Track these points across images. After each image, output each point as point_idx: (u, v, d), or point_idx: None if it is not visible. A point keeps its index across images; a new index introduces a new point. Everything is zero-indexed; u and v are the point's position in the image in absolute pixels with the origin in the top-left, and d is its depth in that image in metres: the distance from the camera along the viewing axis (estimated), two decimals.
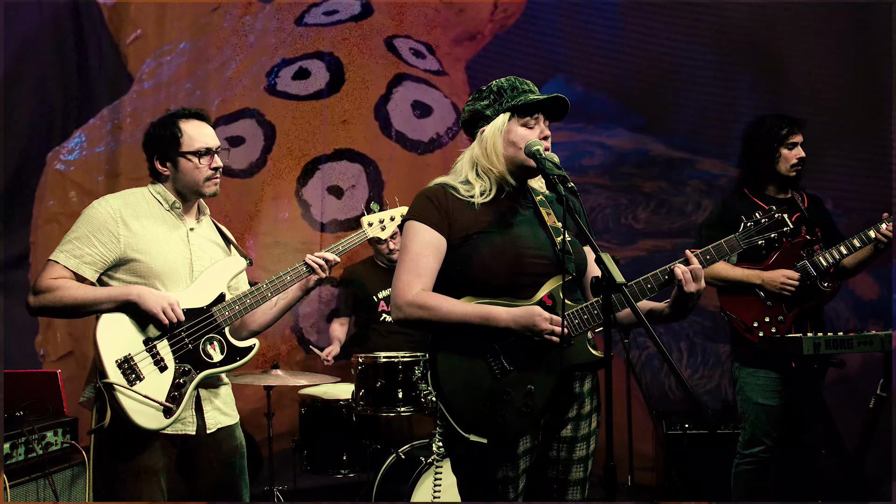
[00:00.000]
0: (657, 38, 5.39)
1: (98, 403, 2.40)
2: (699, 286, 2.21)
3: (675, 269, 2.22)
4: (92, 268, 2.45)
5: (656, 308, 2.34)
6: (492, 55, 5.57)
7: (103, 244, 2.45)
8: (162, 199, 2.58)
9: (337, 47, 5.47)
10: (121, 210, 2.49)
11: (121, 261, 2.47)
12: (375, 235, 2.88)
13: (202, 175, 2.55)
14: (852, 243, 3.43)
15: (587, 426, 2.33)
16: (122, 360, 2.36)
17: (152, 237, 2.50)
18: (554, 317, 2.15)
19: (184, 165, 2.55)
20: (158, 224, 2.54)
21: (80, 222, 2.48)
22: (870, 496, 3.61)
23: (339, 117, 5.39)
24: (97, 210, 2.49)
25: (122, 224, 2.47)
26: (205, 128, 2.59)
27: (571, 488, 2.31)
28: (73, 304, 2.40)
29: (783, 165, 3.56)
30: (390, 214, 2.91)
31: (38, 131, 5.19)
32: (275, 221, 5.30)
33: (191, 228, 2.60)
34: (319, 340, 5.14)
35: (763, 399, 3.54)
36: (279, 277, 2.60)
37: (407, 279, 2.25)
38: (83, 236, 2.45)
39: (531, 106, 2.29)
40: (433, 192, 2.32)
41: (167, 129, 2.56)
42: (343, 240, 2.77)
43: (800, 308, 3.49)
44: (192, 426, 2.49)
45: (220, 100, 5.35)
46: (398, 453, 3.89)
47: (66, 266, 2.43)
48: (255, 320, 2.69)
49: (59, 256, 2.44)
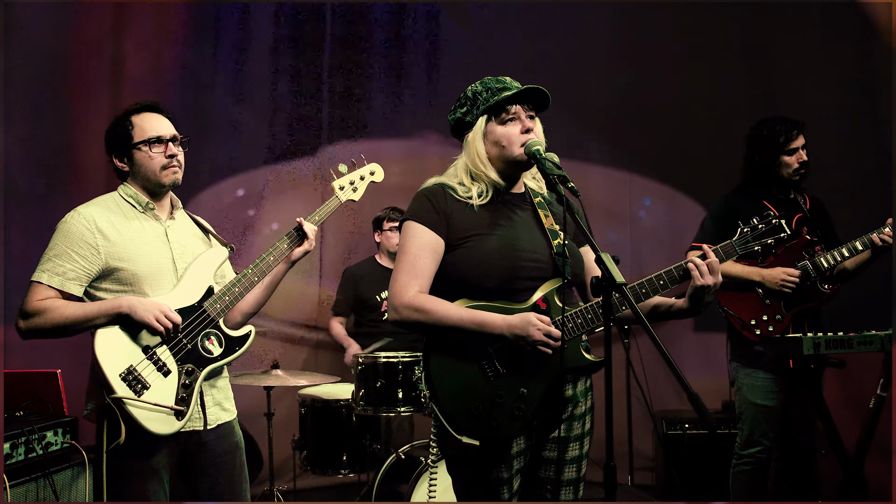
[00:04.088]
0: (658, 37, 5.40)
1: (108, 419, 2.36)
2: (715, 279, 2.20)
3: (690, 263, 2.21)
4: (76, 283, 2.41)
5: (676, 304, 2.32)
6: None
7: (84, 258, 2.41)
8: (135, 202, 2.54)
9: None
10: (95, 220, 2.44)
11: (104, 271, 2.43)
12: (349, 198, 2.81)
13: (157, 164, 2.50)
14: (854, 246, 3.43)
15: (580, 427, 2.33)
16: (125, 372, 2.34)
17: (131, 243, 2.47)
18: (551, 329, 2.15)
19: (137, 157, 2.50)
20: (135, 228, 2.50)
21: (56, 238, 2.42)
22: (870, 496, 3.61)
23: None
24: (71, 224, 2.43)
25: (99, 234, 2.43)
26: (156, 118, 2.54)
27: (564, 488, 2.31)
28: (65, 324, 2.36)
29: (785, 171, 3.56)
30: (359, 174, 2.83)
31: None
32: None
33: (168, 226, 2.58)
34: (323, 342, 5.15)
35: (761, 400, 3.54)
36: (262, 260, 2.59)
37: (404, 280, 2.25)
38: (62, 253, 2.40)
39: (504, 102, 2.28)
40: (432, 192, 2.32)
41: (119, 124, 2.53)
42: (318, 209, 2.71)
43: (798, 308, 3.49)
44: (199, 422, 2.50)
45: None
46: (398, 453, 3.89)
47: (50, 285, 2.38)
48: (247, 303, 2.66)
49: (41, 276, 2.39)
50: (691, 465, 4.44)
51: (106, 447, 2.35)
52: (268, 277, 2.63)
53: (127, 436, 2.32)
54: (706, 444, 4.42)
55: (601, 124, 5.46)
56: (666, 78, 5.37)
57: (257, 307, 2.70)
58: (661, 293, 2.26)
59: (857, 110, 5.05)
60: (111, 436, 2.34)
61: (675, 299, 2.33)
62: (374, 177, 2.87)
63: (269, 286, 2.68)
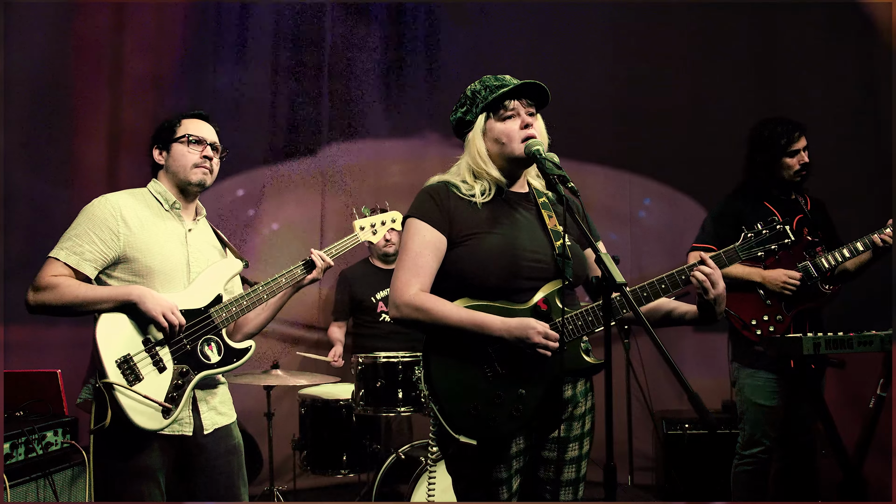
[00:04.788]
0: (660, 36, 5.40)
1: (97, 403, 2.39)
2: (717, 292, 2.19)
3: (693, 276, 2.20)
4: (92, 265, 2.43)
5: (689, 312, 2.31)
6: None
7: (103, 241, 2.43)
8: (162, 200, 2.58)
9: None
10: (121, 207, 2.48)
11: (119, 259, 2.46)
12: (367, 239, 3.01)
13: (190, 160, 2.56)
14: (855, 247, 3.43)
15: (580, 427, 2.33)
16: (121, 360, 2.35)
17: (151, 236, 2.49)
18: (549, 332, 2.14)
19: (175, 150, 2.58)
20: (157, 223, 2.53)
21: (79, 219, 2.47)
22: (870, 496, 3.61)
23: None
24: (97, 207, 2.47)
25: (122, 222, 2.46)
26: (204, 125, 2.65)
27: (564, 488, 2.31)
28: (74, 303, 2.37)
29: (787, 173, 3.56)
30: (381, 219, 3.05)
31: None
32: None
33: (189, 229, 2.60)
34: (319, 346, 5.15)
35: (762, 400, 3.54)
36: (274, 280, 2.63)
37: (405, 278, 2.25)
38: (83, 233, 2.43)
39: (503, 98, 2.28)
40: (436, 189, 2.32)
41: (169, 121, 2.64)
42: (336, 243, 2.85)
43: (799, 309, 3.49)
44: (188, 427, 2.49)
45: None
46: (398, 453, 3.89)
47: (66, 263, 2.41)
48: (249, 322, 2.70)
49: (59, 253, 2.42)
50: (691, 465, 4.44)
51: (92, 426, 2.38)
52: (275, 299, 2.67)
53: (115, 430, 2.33)
54: (706, 444, 4.42)
55: (601, 124, 5.46)
56: (666, 78, 5.37)
57: (259, 328, 2.73)
58: (662, 297, 2.26)
59: (858, 111, 5.05)
60: (97, 419, 2.36)
61: (688, 306, 2.33)
62: (394, 224, 3.06)
63: (273, 308, 2.71)
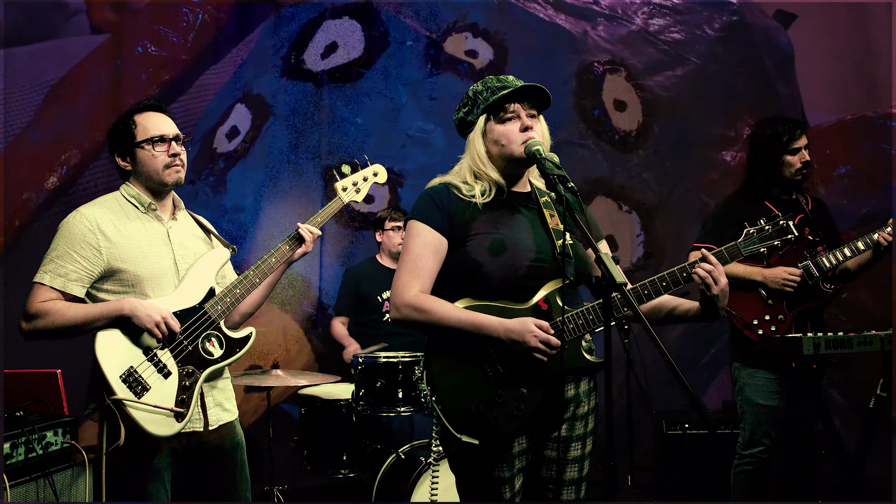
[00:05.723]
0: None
1: (108, 420, 2.36)
2: (719, 288, 2.19)
3: (695, 272, 2.20)
4: (79, 284, 2.40)
5: (692, 310, 2.31)
6: None
7: (86, 258, 2.40)
8: (137, 203, 2.53)
9: None
10: (97, 220, 2.43)
11: (106, 273, 2.43)
12: (352, 199, 2.82)
13: (160, 163, 2.49)
14: (856, 246, 3.43)
15: (583, 426, 2.33)
16: (125, 374, 2.33)
17: (133, 244, 2.45)
18: (550, 338, 2.14)
19: (140, 156, 2.49)
20: (137, 229, 2.49)
21: (57, 239, 2.42)
22: (870, 496, 3.61)
23: None
24: (73, 224, 2.42)
25: (101, 235, 2.42)
26: (159, 117, 2.54)
27: (566, 488, 2.31)
28: (67, 326, 2.35)
29: (788, 171, 3.56)
30: (363, 175, 2.85)
31: None
32: None
33: (170, 227, 2.57)
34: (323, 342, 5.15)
35: (763, 400, 3.53)
36: (264, 261, 2.60)
37: (406, 280, 2.26)
38: (64, 253, 2.39)
39: (503, 100, 2.28)
40: (436, 191, 2.33)
41: (122, 123, 2.53)
42: (320, 211, 2.73)
43: (800, 308, 3.49)
44: (199, 423, 2.49)
45: None
46: (398, 453, 3.89)
47: (52, 287, 2.37)
48: (246, 303, 2.67)
49: (43, 277, 2.38)
50: (691, 465, 4.44)
51: (105, 449, 2.35)
52: (267, 279, 2.64)
53: (127, 437, 2.32)
54: (706, 444, 4.42)
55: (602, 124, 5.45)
56: (667, 77, 5.36)
57: (255, 308, 2.72)
58: (663, 294, 2.25)
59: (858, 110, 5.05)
60: (111, 437, 2.33)
61: (691, 303, 2.32)
62: (377, 178, 2.89)
63: (267, 287, 2.69)
